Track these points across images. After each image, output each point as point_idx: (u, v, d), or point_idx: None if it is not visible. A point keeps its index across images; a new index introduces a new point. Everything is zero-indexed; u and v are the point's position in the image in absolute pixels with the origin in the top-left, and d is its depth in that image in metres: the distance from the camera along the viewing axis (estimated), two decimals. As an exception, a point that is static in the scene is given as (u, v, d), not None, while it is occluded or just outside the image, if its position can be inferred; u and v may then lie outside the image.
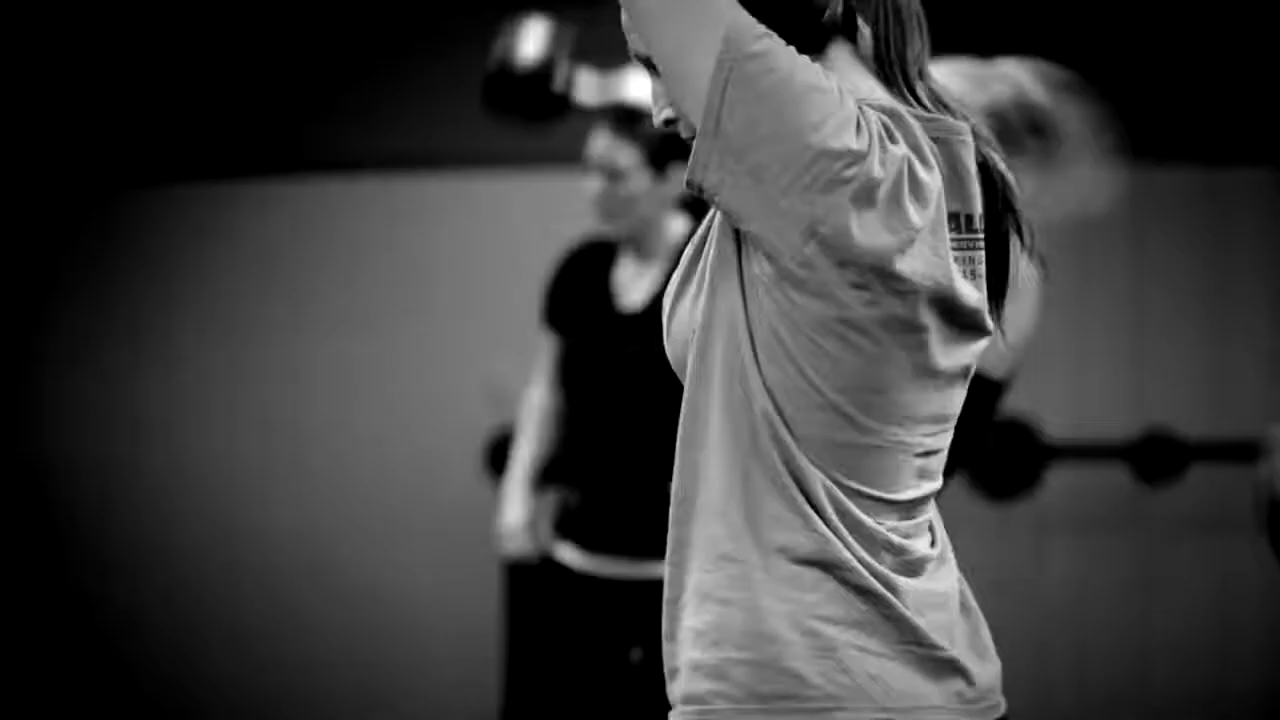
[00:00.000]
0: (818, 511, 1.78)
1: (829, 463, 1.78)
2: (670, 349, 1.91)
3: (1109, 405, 5.72)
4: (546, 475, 4.28)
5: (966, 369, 1.86)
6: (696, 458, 1.84)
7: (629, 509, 4.05)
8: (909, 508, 1.84)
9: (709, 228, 1.89)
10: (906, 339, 1.78)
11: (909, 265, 1.75)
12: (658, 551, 4.01)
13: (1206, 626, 5.60)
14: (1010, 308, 3.02)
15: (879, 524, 1.80)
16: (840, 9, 1.86)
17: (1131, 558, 5.68)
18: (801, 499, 1.78)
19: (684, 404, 1.85)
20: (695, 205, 4.21)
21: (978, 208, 1.85)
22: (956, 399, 1.86)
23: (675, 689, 1.85)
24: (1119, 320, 5.73)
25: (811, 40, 1.83)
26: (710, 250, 1.85)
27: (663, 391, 3.91)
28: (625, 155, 4.08)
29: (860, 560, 1.78)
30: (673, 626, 1.86)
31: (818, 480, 1.78)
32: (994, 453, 5.65)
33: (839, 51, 1.86)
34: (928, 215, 1.77)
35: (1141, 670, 5.63)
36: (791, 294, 1.76)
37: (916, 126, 1.80)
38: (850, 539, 1.79)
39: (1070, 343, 5.72)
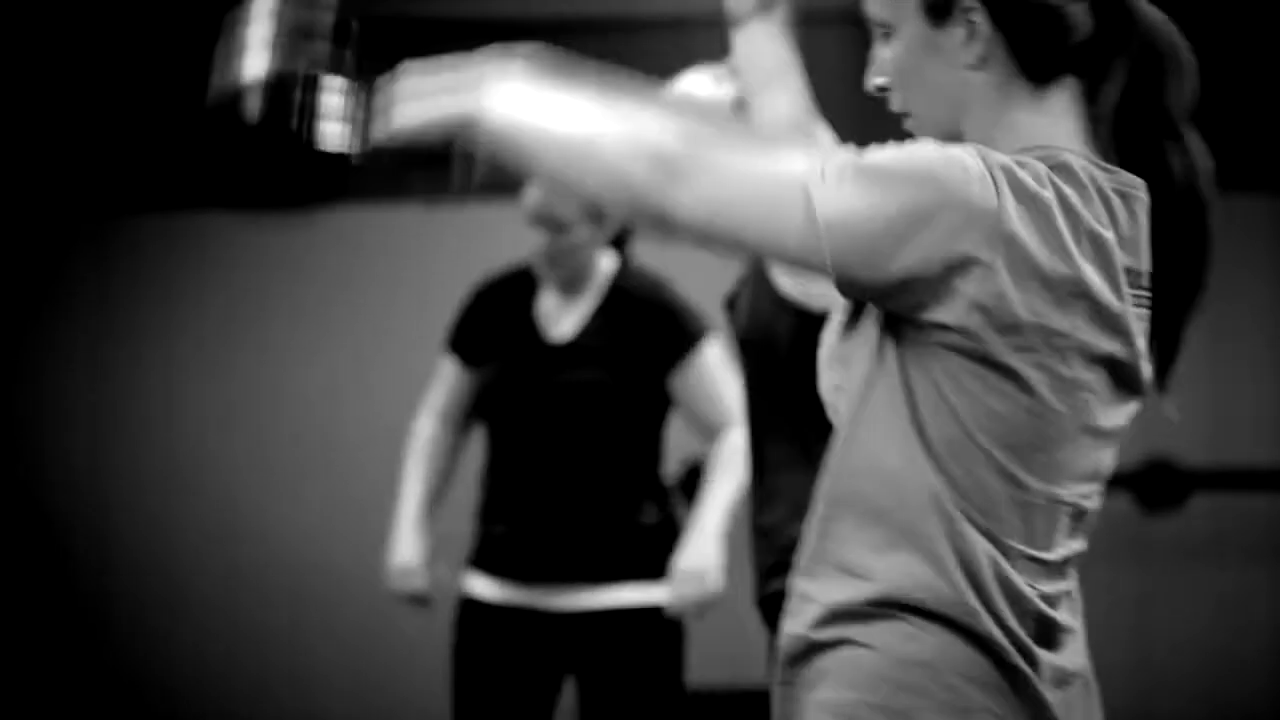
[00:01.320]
0: (973, 581, 1.76)
1: (990, 521, 1.77)
2: (826, 400, 1.90)
3: (1111, 433, 5.74)
4: (484, 511, 4.15)
5: (1123, 429, 1.85)
6: (835, 516, 1.82)
7: (560, 539, 4.00)
8: (1058, 569, 1.82)
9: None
10: (1070, 397, 1.77)
11: (1069, 322, 1.75)
12: (588, 578, 3.99)
13: (1208, 654, 5.69)
14: None
15: (1030, 587, 1.79)
16: (1088, 33, 1.81)
17: (1133, 585, 5.73)
18: (957, 568, 1.76)
19: (829, 465, 1.83)
20: (622, 241, 4.16)
21: (1147, 265, 1.83)
22: (1110, 458, 1.86)
23: None
24: (1120, 347, 5.74)
25: (1044, 66, 1.82)
26: (868, 321, 1.83)
27: (593, 421, 4.01)
28: (567, 207, 4.01)
29: (1007, 631, 1.77)
30: (794, 673, 1.83)
31: (979, 546, 1.77)
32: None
33: (1061, 93, 1.83)
34: (1097, 270, 1.76)
35: (1143, 697, 5.71)
36: (956, 358, 1.74)
37: (1099, 178, 1.78)
38: (1001, 608, 1.77)
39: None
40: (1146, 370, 1.84)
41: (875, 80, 1.87)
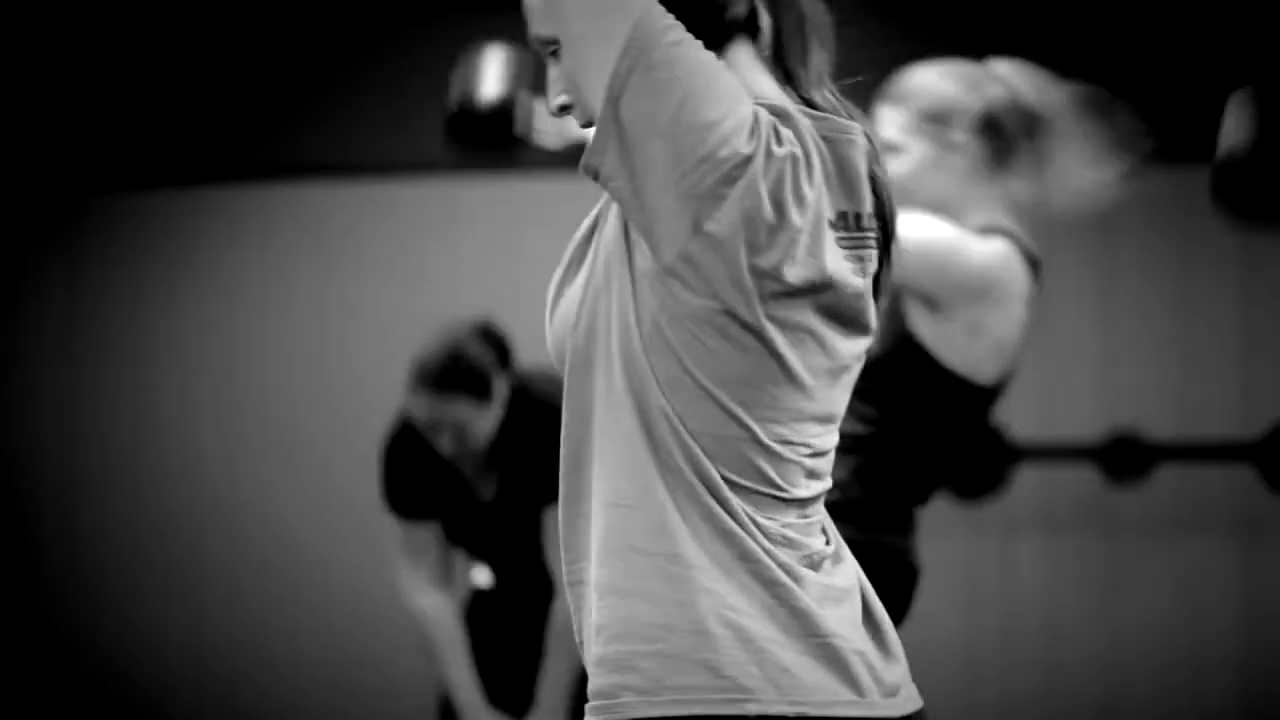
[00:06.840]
0: (722, 505, 1.79)
1: (721, 459, 1.79)
2: (551, 337, 1.90)
3: (1076, 406, 5.75)
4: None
5: (848, 368, 1.87)
6: (585, 450, 1.83)
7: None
8: (802, 506, 1.84)
9: (600, 213, 1.89)
10: (788, 336, 1.79)
11: (790, 267, 1.77)
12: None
13: (1175, 625, 5.71)
14: (994, 315, 3.04)
15: (772, 519, 1.81)
16: (744, 7, 1.86)
17: (1100, 557, 5.74)
18: (705, 492, 1.79)
19: (566, 394, 1.84)
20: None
21: (867, 206, 1.86)
22: (840, 399, 1.87)
23: (589, 686, 1.84)
24: (1086, 321, 5.74)
25: (713, 36, 1.82)
26: (601, 238, 1.85)
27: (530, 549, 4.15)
28: (476, 412, 4.07)
29: (765, 550, 1.79)
30: (580, 622, 1.87)
31: (716, 475, 1.79)
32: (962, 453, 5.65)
33: (740, 50, 1.86)
34: (807, 216, 1.78)
35: (1110, 669, 5.72)
36: (673, 287, 1.76)
37: (805, 125, 1.80)
38: (755, 530, 1.80)
39: (1037, 343, 5.70)
40: (869, 308, 1.86)
41: (556, 102, 1.85)
